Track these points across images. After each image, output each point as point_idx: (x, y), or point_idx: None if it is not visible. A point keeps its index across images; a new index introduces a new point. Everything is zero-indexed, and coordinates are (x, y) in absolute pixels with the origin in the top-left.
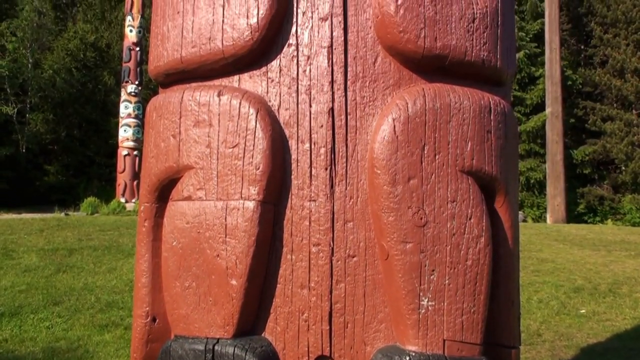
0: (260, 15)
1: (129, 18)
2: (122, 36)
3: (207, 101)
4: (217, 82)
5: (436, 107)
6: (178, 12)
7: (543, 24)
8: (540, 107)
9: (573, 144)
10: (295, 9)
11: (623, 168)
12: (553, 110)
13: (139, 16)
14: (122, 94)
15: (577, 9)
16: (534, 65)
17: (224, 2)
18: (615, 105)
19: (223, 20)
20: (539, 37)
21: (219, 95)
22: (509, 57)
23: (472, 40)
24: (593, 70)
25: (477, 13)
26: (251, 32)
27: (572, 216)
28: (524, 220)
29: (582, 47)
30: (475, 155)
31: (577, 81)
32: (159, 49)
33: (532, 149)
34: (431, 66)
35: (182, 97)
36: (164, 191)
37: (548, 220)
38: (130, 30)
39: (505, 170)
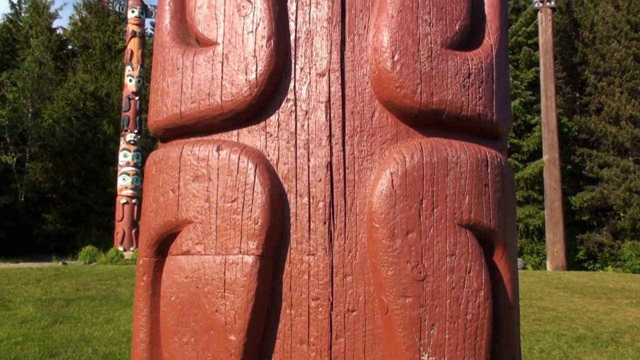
0: (258, 71)
1: (128, 68)
2: (121, 85)
3: (206, 156)
4: (216, 136)
5: (433, 161)
6: (178, 68)
7: (538, 72)
8: (537, 154)
9: (571, 190)
10: (293, 65)
11: (621, 214)
12: (550, 157)
13: (139, 66)
14: (121, 142)
15: (571, 58)
16: (530, 113)
17: (223, 59)
18: (611, 152)
19: (222, 77)
20: (533, 85)
21: (217, 150)
22: (504, 110)
23: (468, 95)
24: (588, 118)
25: (472, 68)
26: (250, 88)
27: (572, 263)
28: (524, 268)
29: (577, 95)
30: (473, 209)
31: (573, 128)
32: (159, 104)
33: (530, 195)
34: (428, 120)
35: (182, 152)
36: (163, 245)
37: (548, 267)
38: (130, 80)
39: (504, 223)
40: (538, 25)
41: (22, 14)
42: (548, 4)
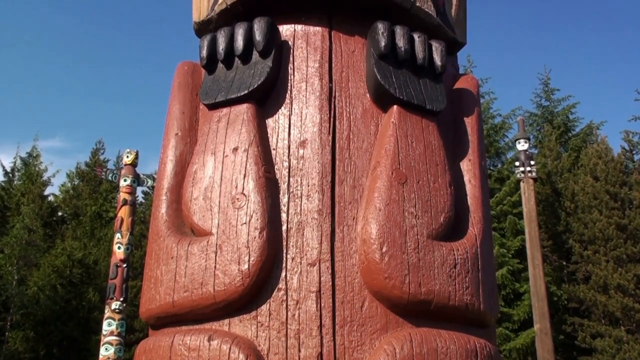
0: (251, 261)
1: (117, 235)
2: (109, 253)
3: (197, 346)
4: (207, 326)
5: (423, 352)
6: (172, 257)
7: (524, 240)
8: (527, 322)
9: None
10: (284, 254)
11: None
12: (541, 326)
13: (128, 233)
14: (106, 310)
15: (556, 227)
16: (518, 282)
17: (216, 249)
18: (602, 321)
19: (215, 266)
20: (520, 254)
21: (209, 340)
22: (491, 299)
23: (455, 285)
24: (577, 286)
25: (458, 259)
26: (242, 278)
27: None
28: None
29: (564, 263)
30: None
31: (563, 297)
32: (152, 292)
33: None
34: (417, 310)
35: (173, 342)
36: None
37: None
38: (119, 247)
39: None
40: (521, 194)
41: (15, 182)
42: (529, 174)
